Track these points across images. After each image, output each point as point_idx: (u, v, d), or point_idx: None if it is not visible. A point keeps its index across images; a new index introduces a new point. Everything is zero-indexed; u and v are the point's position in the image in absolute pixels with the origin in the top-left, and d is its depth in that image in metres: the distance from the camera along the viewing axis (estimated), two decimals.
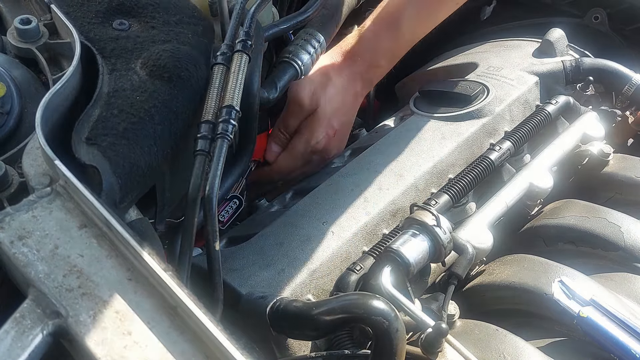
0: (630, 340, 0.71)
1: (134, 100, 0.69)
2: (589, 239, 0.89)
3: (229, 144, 0.72)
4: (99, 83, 0.70)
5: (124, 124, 0.66)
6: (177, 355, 0.48)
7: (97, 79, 0.71)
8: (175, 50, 0.75)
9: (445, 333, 0.67)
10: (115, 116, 0.67)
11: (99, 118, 0.66)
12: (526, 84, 1.10)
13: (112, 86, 0.70)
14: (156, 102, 0.70)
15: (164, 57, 0.74)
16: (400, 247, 0.75)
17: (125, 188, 0.63)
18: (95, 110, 0.67)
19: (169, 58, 0.73)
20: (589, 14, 1.34)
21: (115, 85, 0.70)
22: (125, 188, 0.63)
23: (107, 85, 0.70)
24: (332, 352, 0.71)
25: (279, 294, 0.75)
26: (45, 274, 0.51)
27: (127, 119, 0.67)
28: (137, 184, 0.66)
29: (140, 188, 0.67)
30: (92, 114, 0.66)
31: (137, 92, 0.70)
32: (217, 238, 0.70)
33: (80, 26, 0.76)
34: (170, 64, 0.73)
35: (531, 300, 0.79)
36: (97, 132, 0.64)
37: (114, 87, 0.70)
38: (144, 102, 0.69)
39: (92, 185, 0.60)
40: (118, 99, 0.69)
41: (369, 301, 0.64)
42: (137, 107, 0.68)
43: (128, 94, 0.70)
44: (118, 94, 0.69)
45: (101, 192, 0.60)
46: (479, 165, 0.94)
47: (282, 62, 1.01)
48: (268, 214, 0.98)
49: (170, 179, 0.74)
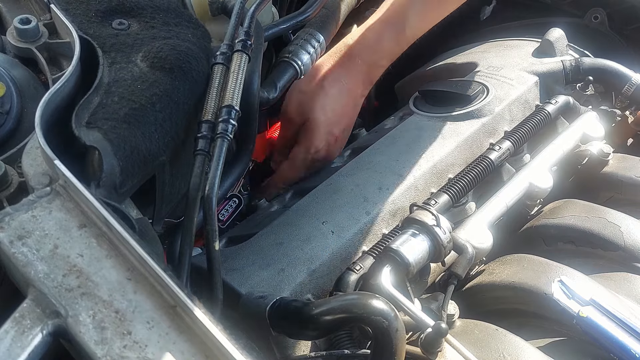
0: (629, 339, 0.71)
1: (134, 89, 0.69)
2: (588, 238, 0.89)
3: (228, 143, 0.72)
4: (99, 74, 0.69)
5: (125, 110, 0.66)
6: (177, 355, 0.48)
7: (96, 73, 0.70)
8: (177, 45, 0.75)
9: (445, 333, 0.67)
10: (115, 103, 0.66)
11: (99, 104, 0.66)
12: (526, 83, 1.10)
13: (112, 77, 0.70)
14: (157, 90, 0.70)
15: (165, 49, 0.74)
16: (400, 247, 0.75)
17: (125, 171, 0.63)
18: (95, 97, 0.67)
19: (170, 50, 0.74)
20: (589, 14, 1.34)
21: (115, 76, 0.70)
22: (126, 171, 0.63)
23: (107, 76, 0.70)
24: (332, 352, 0.71)
25: (279, 294, 0.75)
26: (44, 273, 0.51)
27: (128, 105, 0.67)
28: (138, 169, 0.65)
29: (140, 174, 0.67)
30: (92, 101, 0.66)
31: (138, 82, 0.70)
32: (217, 238, 0.70)
33: (80, 24, 0.76)
34: (172, 56, 0.73)
35: (531, 300, 0.79)
36: (98, 116, 0.64)
37: (115, 77, 0.70)
38: (145, 90, 0.69)
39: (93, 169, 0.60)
40: (119, 87, 0.68)
41: (368, 301, 0.64)
42: (138, 95, 0.68)
43: (129, 83, 0.69)
44: (118, 84, 0.69)
45: (102, 174, 0.60)
46: (478, 165, 0.94)
47: (281, 61, 1.01)
48: (268, 214, 0.98)
49: (171, 172, 0.74)
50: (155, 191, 0.74)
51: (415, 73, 1.32)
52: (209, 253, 0.70)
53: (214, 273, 0.69)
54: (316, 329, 0.67)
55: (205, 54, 0.80)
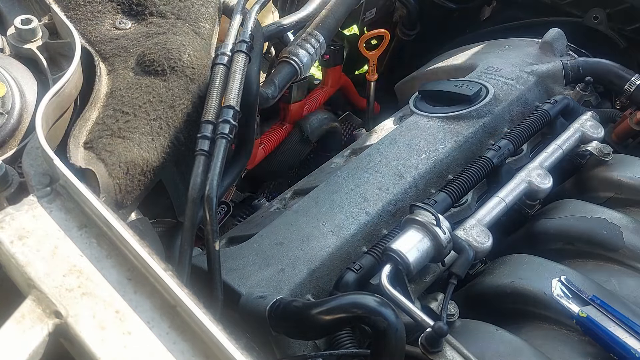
0: (629, 339, 0.71)
1: (128, 98, 0.69)
2: (588, 238, 0.89)
3: (229, 143, 0.72)
4: (96, 85, 0.70)
5: (119, 124, 0.67)
6: (177, 354, 0.48)
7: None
8: (167, 42, 0.75)
9: (445, 332, 0.67)
10: (110, 117, 0.67)
11: (96, 121, 0.66)
12: (526, 84, 1.10)
13: (109, 87, 0.70)
14: (150, 97, 0.70)
15: (155, 50, 0.74)
16: (399, 246, 0.75)
17: (125, 188, 0.63)
18: (93, 113, 0.67)
19: (160, 51, 0.74)
20: (589, 14, 1.34)
21: (112, 86, 0.71)
22: (125, 188, 0.64)
23: (105, 86, 0.70)
24: (332, 352, 0.71)
25: (279, 294, 0.75)
26: (45, 273, 0.51)
27: (122, 117, 0.67)
28: (138, 182, 0.66)
29: (142, 186, 0.67)
30: (90, 117, 0.67)
31: (132, 90, 0.70)
32: (217, 238, 0.70)
33: (82, 28, 0.76)
34: (162, 57, 0.73)
35: (531, 299, 0.79)
36: (94, 135, 0.65)
37: (111, 87, 0.70)
38: (138, 99, 0.69)
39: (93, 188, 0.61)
40: (114, 98, 0.69)
41: (368, 301, 0.64)
42: (131, 105, 0.69)
43: (123, 92, 0.70)
44: (114, 94, 0.70)
45: (100, 196, 0.60)
46: (478, 165, 0.94)
47: (281, 61, 1.01)
48: (268, 214, 0.98)
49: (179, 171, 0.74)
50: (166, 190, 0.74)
51: (415, 73, 1.32)
52: (209, 253, 0.70)
53: (214, 273, 0.69)
54: (316, 329, 0.67)
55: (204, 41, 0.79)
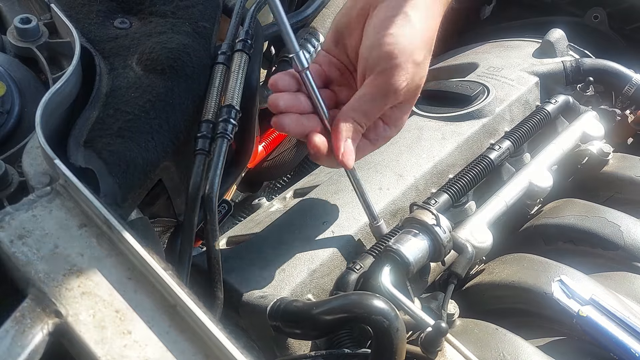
0: (629, 339, 0.71)
1: (128, 98, 0.69)
2: (588, 238, 0.89)
3: (229, 143, 0.72)
4: (96, 84, 0.70)
5: (119, 123, 0.67)
6: (177, 354, 0.48)
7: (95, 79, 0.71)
8: (168, 41, 0.75)
9: (445, 332, 0.67)
10: (110, 116, 0.67)
11: (97, 120, 0.66)
12: (526, 84, 1.10)
13: (109, 86, 0.70)
14: (150, 96, 0.70)
15: (156, 49, 0.74)
16: (400, 246, 0.75)
17: (125, 187, 0.63)
18: (93, 112, 0.67)
19: (161, 50, 0.74)
20: (589, 14, 1.34)
21: (112, 85, 0.70)
22: (125, 187, 0.63)
23: (105, 85, 0.70)
24: (332, 352, 0.71)
25: (279, 294, 0.75)
26: (45, 273, 0.51)
27: (122, 117, 0.67)
28: (138, 181, 0.66)
29: (142, 185, 0.67)
30: (90, 117, 0.67)
31: (132, 89, 0.70)
32: (217, 237, 0.70)
33: (82, 27, 0.76)
34: (163, 56, 0.73)
35: (531, 299, 0.79)
36: (94, 134, 0.65)
37: (111, 86, 0.70)
38: (138, 98, 0.69)
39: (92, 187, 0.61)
40: (114, 98, 0.69)
41: (369, 300, 0.64)
42: (131, 104, 0.69)
43: (123, 92, 0.70)
44: (114, 94, 0.69)
45: (100, 195, 0.60)
46: (478, 165, 0.94)
47: (282, 61, 1.01)
48: (268, 214, 0.98)
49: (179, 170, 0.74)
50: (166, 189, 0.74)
51: None
52: (209, 253, 0.70)
53: (214, 273, 0.69)
54: (316, 329, 0.67)
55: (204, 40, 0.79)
